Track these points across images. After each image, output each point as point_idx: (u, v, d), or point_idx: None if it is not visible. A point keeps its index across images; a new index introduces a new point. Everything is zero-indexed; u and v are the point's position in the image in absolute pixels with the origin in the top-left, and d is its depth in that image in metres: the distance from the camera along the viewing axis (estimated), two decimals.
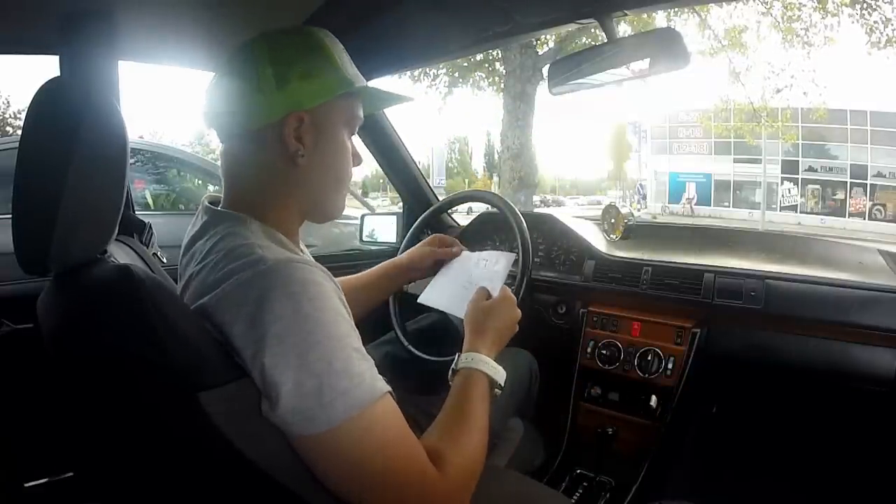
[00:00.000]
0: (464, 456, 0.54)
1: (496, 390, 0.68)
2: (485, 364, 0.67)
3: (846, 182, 15.99)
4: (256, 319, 0.46)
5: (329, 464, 0.46)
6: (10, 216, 0.49)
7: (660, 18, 5.46)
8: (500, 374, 0.68)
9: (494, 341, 0.73)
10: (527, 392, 1.14)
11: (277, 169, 0.58)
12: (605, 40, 0.89)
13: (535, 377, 1.18)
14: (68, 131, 0.46)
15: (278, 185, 0.59)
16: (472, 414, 0.60)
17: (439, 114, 8.42)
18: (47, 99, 0.48)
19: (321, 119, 0.59)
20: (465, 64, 7.44)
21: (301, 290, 0.47)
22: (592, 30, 4.56)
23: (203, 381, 0.43)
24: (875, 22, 6.02)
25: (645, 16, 4.84)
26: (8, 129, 9.68)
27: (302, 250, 0.65)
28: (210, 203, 0.60)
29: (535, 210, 4.43)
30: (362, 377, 0.47)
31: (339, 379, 0.45)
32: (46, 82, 0.49)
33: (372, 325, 0.97)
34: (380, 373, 0.50)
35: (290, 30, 0.61)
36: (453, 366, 0.69)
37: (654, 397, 1.19)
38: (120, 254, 0.72)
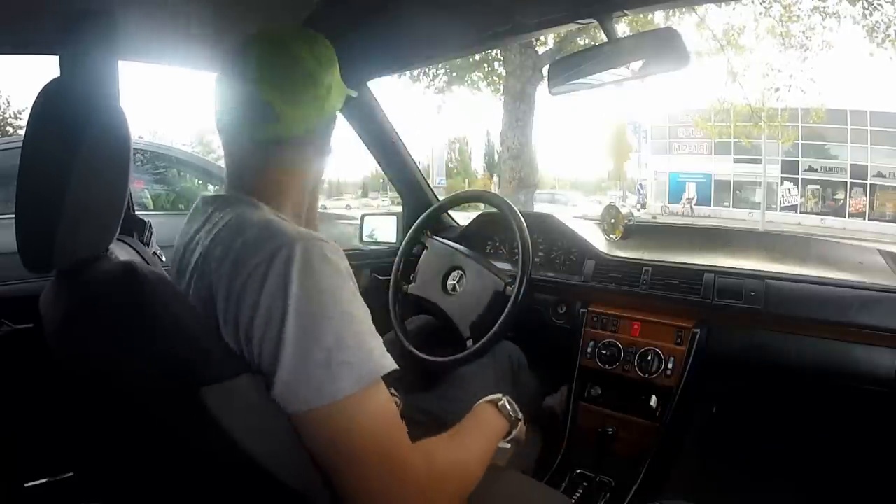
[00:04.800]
0: (451, 462, 0.56)
1: (505, 444, 0.72)
2: (513, 408, 0.73)
3: (846, 182, 15.97)
4: (277, 293, 0.47)
5: (322, 436, 0.47)
6: (10, 216, 0.49)
7: (659, 18, 5.45)
8: (518, 422, 0.73)
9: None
10: (514, 385, 1.15)
11: (303, 169, 0.63)
12: (605, 40, 0.89)
13: (520, 367, 1.19)
14: (72, 132, 0.46)
15: (298, 182, 0.64)
16: (475, 439, 0.64)
17: (439, 112, 8.38)
18: (51, 100, 0.49)
19: None
20: (464, 64, 7.43)
21: (321, 267, 0.49)
22: (592, 30, 4.56)
23: (205, 377, 0.43)
24: (876, 22, 6.01)
25: (641, 16, 4.83)
26: (8, 128, 9.68)
27: None
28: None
29: (535, 210, 4.43)
30: (371, 353, 0.48)
31: (349, 353, 0.47)
32: (49, 83, 0.50)
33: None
34: None
35: (317, 36, 0.63)
36: (481, 400, 0.73)
37: (654, 397, 1.18)
38: (121, 253, 0.72)
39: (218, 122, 0.62)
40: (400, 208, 1.68)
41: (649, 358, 1.17)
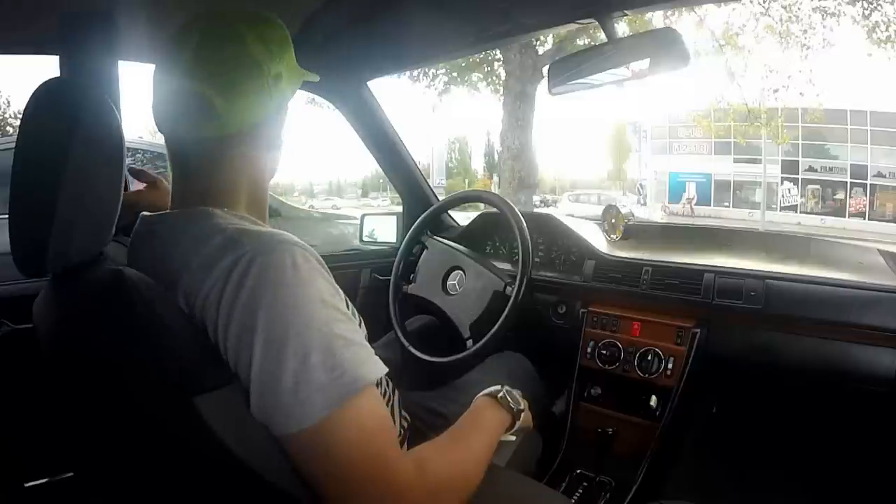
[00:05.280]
0: (448, 468, 0.53)
1: (510, 437, 0.70)
2: (513, 399, 0.71)
3: (846, 182, 15.97)
4: (233, 315, 0.45)
5: (305, 458, 0.45)
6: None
7: (657, 18, 5.45)
8: (521, 413, 0.71)
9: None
10: (526, 394, 1.14)
11: (255, 165, 0.59)
12: (605, 40, 0.89)
13: (533, 379, 1.18)
14: (64, 131, 0.46)
15: (255, 179, 0.60)
16: (474, 439, 0.61)
17: (433, 112, 8.34)
18: (44, 99, 0.48)
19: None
20: (464, 64, 7.44)
21: (279, 277, 0.45)
22: (591, 30, 4.56)
23: (198, 385, 0.43)
24: (876, 22, 6.00)
25: (640, 16, 4.83)
26: (8, 129, 9.69)
27: None
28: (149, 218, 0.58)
29: (535, 210, 4.43)
30: (342, 369, 0.45)
31: (317, 373, 0.43)
32: (43, 82, 0.49)
33: (372, 325, 0.97)
34: None
35: (268, 18, 0.58)
36: (482, 393, 0.71)
37: (654, 397, 1.18)
38: (118, 255, 0.72)
39: (155, 118, 0.57)
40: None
41: (649, 358, 1.17)
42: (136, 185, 0.89)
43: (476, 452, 0.59)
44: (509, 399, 0.70)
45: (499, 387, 0.71)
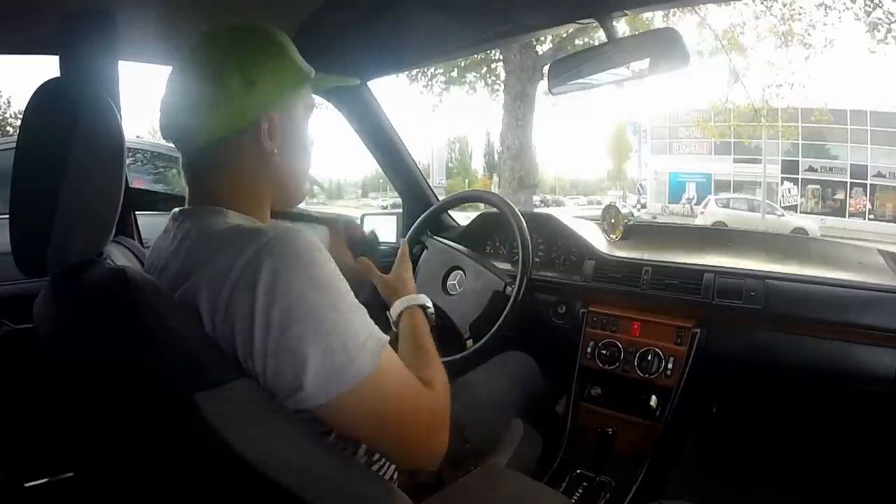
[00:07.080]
0: (440, 374, 0.62)
1: (431, 316, 0.78)
2: (417, 299, 0.77)
3: (846, 182, 15.99)
4: (275, 295, 0.46)
5: (359, 416, 0.49)
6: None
7: (657, 18, 5.45)
8: (428, 301, 0.78)
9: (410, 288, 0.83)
10: (527, 393, 1.14)
11: (250, 170, 0.59)
12: (605, 40, 0.89)
13: (536, 378, 1.18)
14: (65, 131, 0.46)
15: (254, 183, 0.60)
16: (427, 341, 0.70)
17: (433, 112, 8.31)
18: (44, 99, 0.48)
19: (288, 113, 0.60)
20: (462, 63, 7.43)
21: (311, 256, 0.49)
22: (591, 30, 4.56)
23: (199, 383, 0.43)
24: (879, 18, 6.00)
25: (640, 17, 4.83)
26: (9, 129, 9.70)
27: None
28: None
29: (535, 210, 4.43)
30: (371, 327, 0.50)
31: (358, 334, 0.48)
32: (43, 82, 0.49)
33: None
34: None
35: (244, 27, 0.60)
36: (393, 316, 0.76)
37: (654, 397, 1.18)
38: (118, 255, 0.72)
39: (161, 131, 0.59)
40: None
41: (649, 358, 1.17)
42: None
43: (437, 360, 0.67)
44: (415, 303, 0.76)
45: (397, 303, 0.77)
